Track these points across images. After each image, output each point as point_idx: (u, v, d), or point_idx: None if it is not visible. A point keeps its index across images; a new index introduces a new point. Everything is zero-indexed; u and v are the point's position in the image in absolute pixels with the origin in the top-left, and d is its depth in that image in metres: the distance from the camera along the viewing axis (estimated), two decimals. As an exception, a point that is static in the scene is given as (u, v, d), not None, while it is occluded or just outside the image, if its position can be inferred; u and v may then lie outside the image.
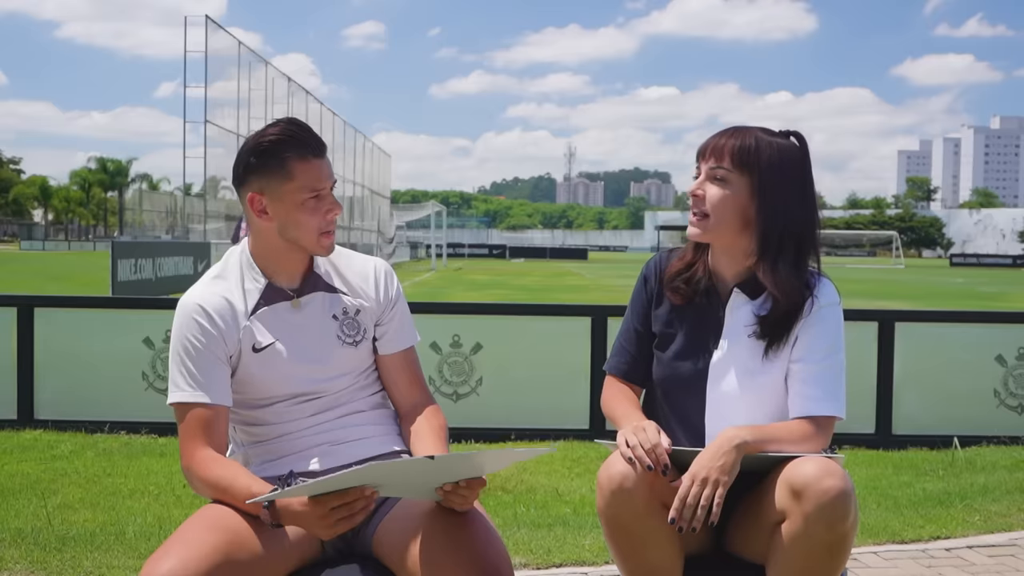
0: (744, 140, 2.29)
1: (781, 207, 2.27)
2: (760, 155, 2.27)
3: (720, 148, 2.30)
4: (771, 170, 2.27)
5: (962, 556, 4.08)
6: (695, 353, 2.34)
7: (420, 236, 68.76)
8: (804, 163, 2.33)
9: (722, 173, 2.29)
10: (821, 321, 2.29)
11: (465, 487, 2.00)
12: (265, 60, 33.66)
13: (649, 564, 2.17)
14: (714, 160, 2.30)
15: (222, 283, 2.28)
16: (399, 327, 2.38)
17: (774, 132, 2.34)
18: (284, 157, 2.19)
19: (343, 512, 1.94)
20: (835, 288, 2.36)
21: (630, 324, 2.46)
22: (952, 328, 6.86)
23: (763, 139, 2.29)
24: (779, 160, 2.28)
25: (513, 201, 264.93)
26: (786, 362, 2.29)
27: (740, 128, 2.33)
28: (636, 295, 2.47)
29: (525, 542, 4.06)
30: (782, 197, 2.27)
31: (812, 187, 2.33)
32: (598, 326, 6.33)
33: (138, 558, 3.78)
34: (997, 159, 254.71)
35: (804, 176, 2.32)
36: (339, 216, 2.27)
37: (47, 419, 6.23)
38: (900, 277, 43.59)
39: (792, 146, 2.32)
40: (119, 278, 17.00)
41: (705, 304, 2.36)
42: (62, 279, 27.44)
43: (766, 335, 2.28)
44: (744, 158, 2.27)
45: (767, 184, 2.27)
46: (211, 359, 2.20)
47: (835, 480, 2.02)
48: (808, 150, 2.35)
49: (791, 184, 2.29)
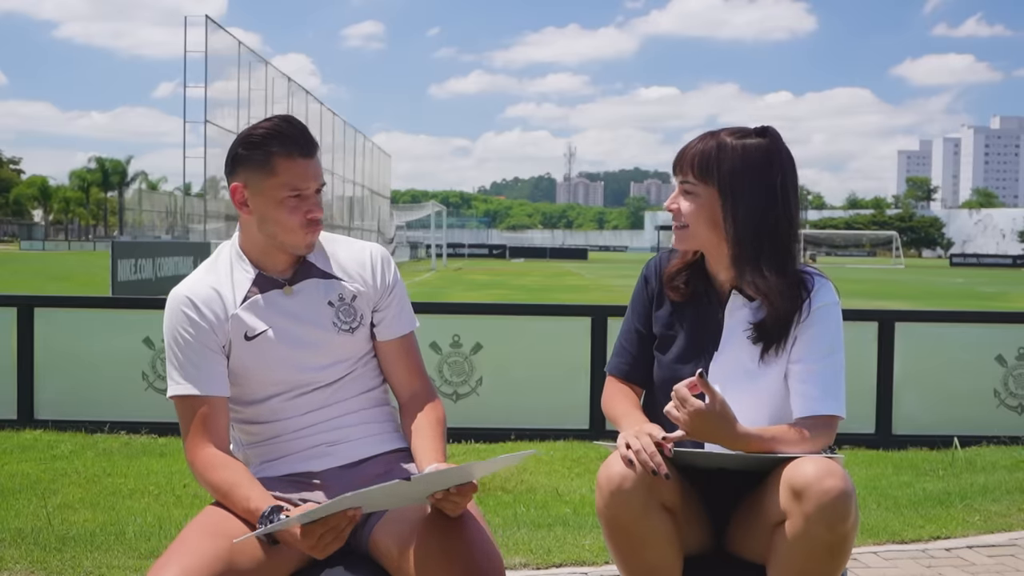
0: (705, 148, 2.28)
1: (748, 210, 2.25)
2: (721, 162, 2.26)
3: (684, 160, 2.31)
4: (733, 175, 2.26)
5: (962, 556, 4.08)
6: (695, 356, 2.34)
7: (420, 236, 68.80)
8: (773, 161, 2.28)
9: (688, 186, 2.30)
10: (820, 321, 2.28)
11: (456, 493, 2.00)
12: (265, 60, 33.66)
13: (648, 564, 2.16)
14: (681, 174, 2.32)
15: (212, 275, 2.28)
16: (397, 312, 2.36)
17: (745, 132, 2.31)
18: (270, 152, 2.18)
19: (330, 536, 1.95)
20: (834, 287, 2.35)
21: (631, 325, 2.46)
22: (952, 328, 6.86)
23: (726, 144, 2.27)
24: (741, 163, 2.26)
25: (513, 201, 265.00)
26: (785, 363, 2.29)
27: (706, 135, 2.33)
28: (637, 296, 2.47)
29: (525, 542, 4.06)
30: (748, 200, 2.25)
31: (788, 184, 2.28)
32: (598, 326, 6.33)
33: (138, 558, 3.78)
34: (997, 159, 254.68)
35: (774, 174, 2.27)
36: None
37: (47, 419, 6.23)
38: (900, 277, 43.59)
39: (760, 145, 2.28)
40: (119, 278, 16.98)
41: (705, 306, 2.36)
42: (62, 279, 27.45)
43: (762, 340, 2.28)
44: (704, 167, 2.27)
45: (729, 190, 2.26)
46: (203, 350, 2.20)
47: (836, 480, 2.02)
48: (780, 146, 2.30)
49: (758, 185, 2.26)
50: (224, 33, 28.61)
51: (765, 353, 2.28)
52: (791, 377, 2.28)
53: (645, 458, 2.09)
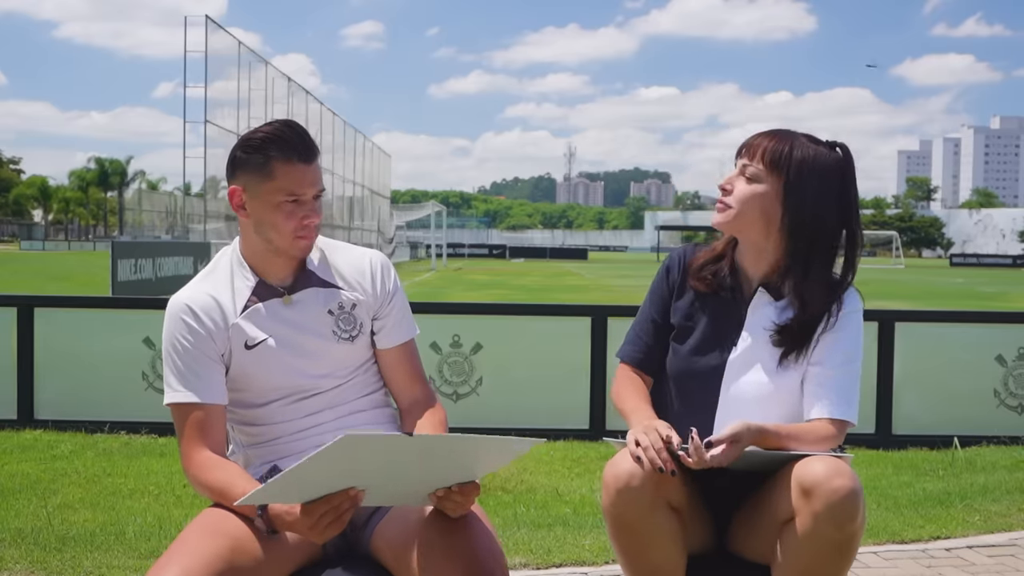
0: (780, 143, 2.29)
1: (810, 214, 2.26)
2: (792, 159, 2.27)
3: (755, 147, 2.31)
4: (801, 175, 2.27)
5: (962, 556, 4.08)
6: (713, 349, 2.34)
7: (420, 236, 68.83)
8: (843, 174, 2.31)
9: (753, 171, 2.30)
10: (844, 327, 2.30)
11: (458, 492, 1.98)
12: (265, 60, 33.66)
13: (653, 563, 2.16)
14: (747, 157, 2.32)
15: (211, 282, 2.28)
16: (397, 320, 2.36)
17: (819, 141, 2.34)
18: (268, 156, 2.17)
19: (331, 516, 1.92)
20: (859, 294, 2.37)
21: (648, 314, 2.45)
22: (952, 328, 6.86)
23: (801, 144, 2.30)
24: (812, 167, 2.27)
25: (513, 201, 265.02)
26: (804, 365, 2.29)
27: (782, 131, 2.34)
28: (656, 286, 2.47)
29: (525, 542, 4.06)
30: (812, 204, 2.27)
31: (852, 200, 2.32)
32: (598, 326, 6.33)
33: (138, 558, 3.78)
34: (997, 159, 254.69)
35: (841, 187, 2.30)
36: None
37: (47, 419, 6.23)
38: (900, 277, 43.58)
39: (832, 156, 2.31)
40: (119, 278, 16.98)
41: (728, 300, 2.36)
42: (62, 279, 27.44)
43: (784, 343, 2.28)
44: (776, 159, 2.28)
45: (795, 188, 2.26)
46: (201, 358, 2.20)
47: (845, 480, 2.03)
48: (851, 162, 2.33)
49: (824, 192, 2.28)
50: (224, 33, 28.62)
51: (785, 356, 2.28)
52: (808, 379, 2.29)
53: (653, 455, 2.09)
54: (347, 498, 1.91)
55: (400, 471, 1.93)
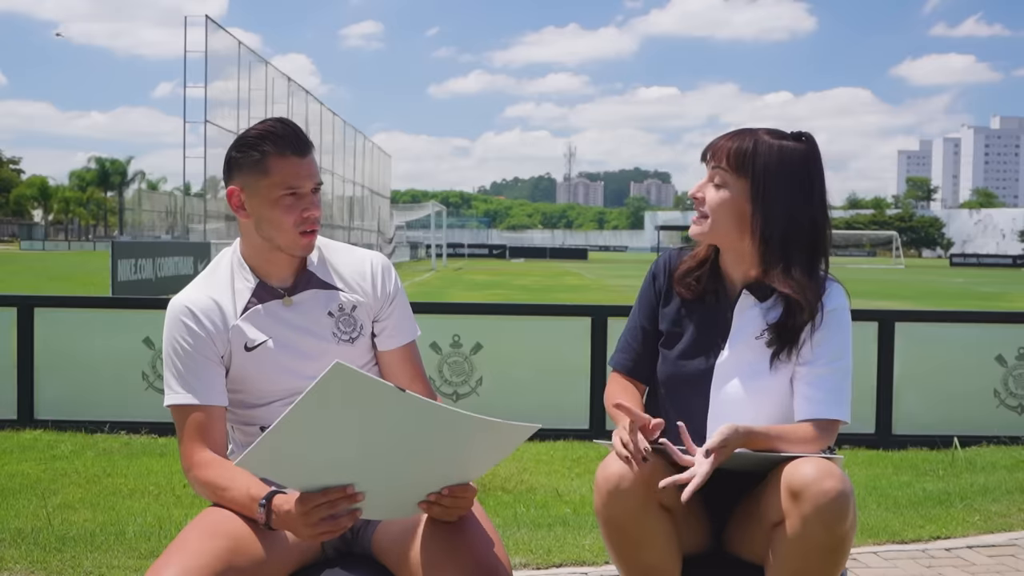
0: (743, 143, 2.28)
1: (780, 211, 2.25)
2: (757, 158, 2.26)
3: (719, 151, 2.30)
4: (768, 173, 2.25)
5: (962, 556, 4.08)
6: (701, 353, 2.34)
7: (420, 236, 68.77)
8: (809, 165, 2.29)
9: (720, 176, 2.29)
10: (830, 324, 2.28)
11: (449, 496, 1.96)
12: (265, 60, 33.66)
13: (647, 564, 2.16)
14: (714, 162, 2.30)
15: (212, 284, 2.27)
16: (398, 322, 2.35)
17: (782, 134, 2.31)
18: (263, 152, 2.17)
19: (325, 511, 1.89)
20: (844, 290, 2.35)
21: (636, 321, 2.45)
22: (952, 328, 6.86)
23: (764, 141, 2.27)
24: (778, 163, 2.26)
25: (513, 201, 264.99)
26: (792, 365, 2.28)
27: (743, 131, 2.32)
28: (644, 292, 2.46)
29: (525, 542, 4.06)
30: (781, 200, 2.25)
31: (820, 189, 2.30)
32: (598, 326, 6.34)
33: (138, 558, 3.78)
34: (997, 159, 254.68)
35: (809, 178, 2.29)
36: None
37: (47, 419, 6.23)
38: (900, 277, 43.59)
39: (797, 148, 2.29)
40: (119, 278, 16.99)
41: (713, 304, 2.36)
42: (62, 279, 27.44)
43: (776, 342, 2.27)
44: (740, 161, 2.26)
45: (763, 187, 2.25)
46: (201, 360, 2.20)
47: (834, 481, 2.02)
48: (816, 151, 2.31)
49: (792, 187, 2.26)
50: (224, 33, 28.62)
51: (776, 355, 2.27)
52: (797, 379, 2.27)
53: (633, 449, 2.08)
54: (344, 495, 1.90)
55: (394, 443, 1.86)
